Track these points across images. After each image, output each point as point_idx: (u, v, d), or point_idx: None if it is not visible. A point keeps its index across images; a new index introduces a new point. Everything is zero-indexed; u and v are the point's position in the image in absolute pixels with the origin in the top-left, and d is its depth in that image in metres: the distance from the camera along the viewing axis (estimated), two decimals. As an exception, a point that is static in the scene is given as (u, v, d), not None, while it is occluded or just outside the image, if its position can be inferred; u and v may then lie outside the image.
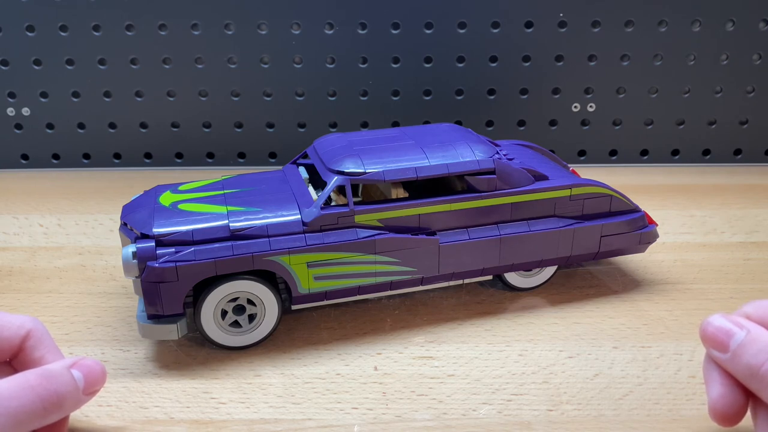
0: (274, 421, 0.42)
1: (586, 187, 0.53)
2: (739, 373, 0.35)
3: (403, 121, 0.83)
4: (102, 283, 0.59)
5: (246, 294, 0.48)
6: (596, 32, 0.79)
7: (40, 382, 0.34)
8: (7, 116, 0.83)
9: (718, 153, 0.85)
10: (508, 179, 0.51)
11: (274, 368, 0.47)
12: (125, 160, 0.85)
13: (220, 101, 0.82)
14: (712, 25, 0.78)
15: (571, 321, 0.52)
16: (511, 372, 0.46)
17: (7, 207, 0.74)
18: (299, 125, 0.84)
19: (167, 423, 0.42)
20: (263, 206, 0.49)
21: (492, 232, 0.51)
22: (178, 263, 0.45)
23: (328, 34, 0.79)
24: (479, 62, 0.80)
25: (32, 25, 0.78)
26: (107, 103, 0.82)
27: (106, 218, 0.71)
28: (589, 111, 0.83)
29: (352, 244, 0.48)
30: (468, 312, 0.54)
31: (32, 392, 0.34)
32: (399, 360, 0.48)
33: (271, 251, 0.47)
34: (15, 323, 0.38)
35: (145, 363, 0.48)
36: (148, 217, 0.48)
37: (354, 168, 0.49)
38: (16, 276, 0.60)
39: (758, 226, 0.68)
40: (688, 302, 0.55)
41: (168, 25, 0.78)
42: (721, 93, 0.82)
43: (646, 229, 0.55)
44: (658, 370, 0.46)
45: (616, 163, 0.85)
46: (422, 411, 0.43)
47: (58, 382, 0.35)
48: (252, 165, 0.85)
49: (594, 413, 0.42)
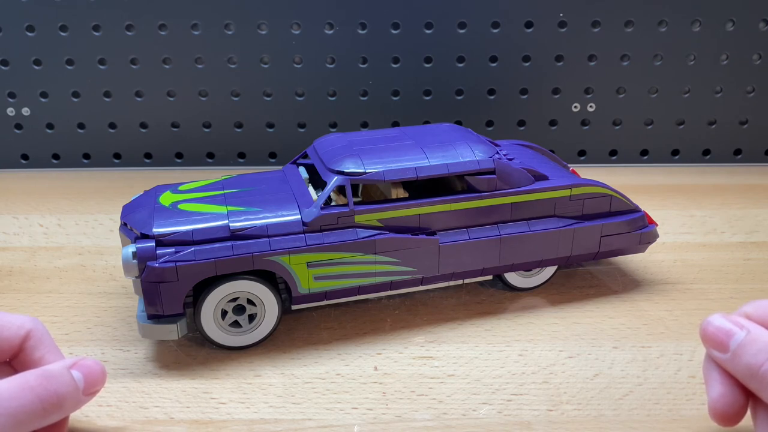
0: (274, 421, 0.42)
1: (586, 187, 0.53)
2: (739, 373, 0.35)
3: (403, 121, 0.83)
4: (102, 283, 0.59)
5: (246, 294, 0.48)
6: (596, 32, 0.79)
7: (39, 383, 0.34)
8: (7, 116, 0.83)
9: (718, 153, 0.85)
10: (508, 179, 0.51)
11: (274, 368, 0.47)
12: (125, 160, 0.85)
13: (220, 101, 0.82)
14: (712, 25, 0.78)
15: (571, 321, 0.52)
16: (511, 372, 0.46)
17: (7, 207, 0.74)
18: (299, 125, 0.84)
19: (167, 423, 0.42)
20: (263, 206, 0.49)
21: (492, 232, 0.51)
22: (178, 263, 0.45)
23: (328, 34, 0.79)
24: (479, 62, 0.80)
25: (32, 25, 0.78)
26: (107, 103, 0.82)
27: (106, 218, 0.71)
28: (589, 111, 0.83)
29: (352, 244, 0.48)
30: (468, 312, 0.54)
31: (32, 393, 0.34)
32: (399, 360, 0.48)
33: (271, 251, 0.47)
34: (15, 323, 0.38)
35: (145, 363, 0.48)
36: (148, 217, 0.48)
37: (354, 168, 0.49)
38: (16, 276, 0.60)
39: (758, 226, 0.68)
40: (688, 302, 0.55)
41: (168, 25, 0.78)
42: (721, 93, 0.82)
43: (646, 229, 0.55)
44: (658, 370, 0.46)
45: (616, 163, 0.85)
46: (422, 411, 0.43)
47: (57, 382, 0.35)
48: (252, 165, 0.85)
49: (594, 413, 0.42)
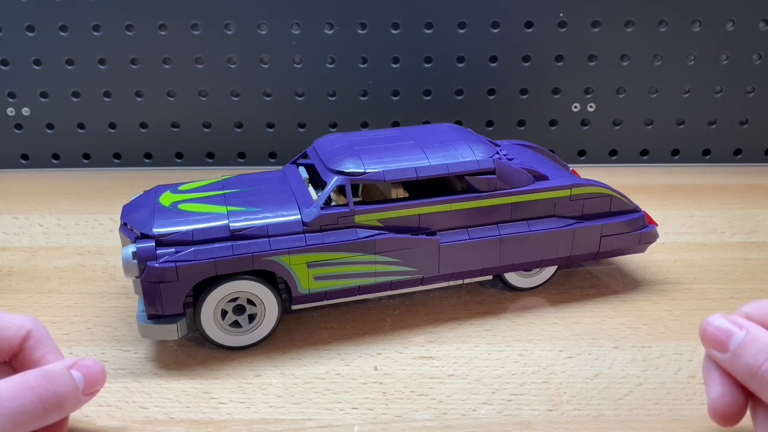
0: (274, 421, 0.42)
1: (586, 187, 0.53)
2: (738, 373, 0.35)
3: (403, 121, 0.83)
4: (102, 283, 0.59)
5: (246, 294, 0.48)
6: (596, 32, 0.79)
7: (39, 383, 0.34)
8: (7, 116, 0.83)
9: (718, 153, 0.85)
10: (508, 179, 0.51)
11: (274, 368, 0.47)
12: (125, 160, 0.85)
13: (220, 101, 0.82)
14: (712, 25, 0.78)
15: (571, 321, 0.52)
16: (511, 372, 0.46)
17: (7, 207, 0.74)
18: (299, 125, 0.84)
19: (167, 423, 0.42)
20: (263, 206, 0.49)
21: (492, 232, 0.51)
22: (178, 263, 0.45)
23: (328, 34, 0.79)
24: (479, 62, 0.80)
25: (32, 25, 0.78)
26: (107, 103, 0.82)
27: (106, 218, 0.71)
28: (589, 111, 0.83)
29: (352, 244, 0.48)
30: (468, 312, 0.54)
31: (32, 393, 0.34)
32: (399, 360, 0.48)
33: (271, 251, 0.46)
34: (15, 323, 0.38)
35: (145, 363, 0.48)
36: (148, 217, 0.48)
37: (354, 168, 0.49)
38: (16, 276, 0.60)
39: (758, 226, 0.68)
40: (688, 302, 0.55)
41: (168, 25, 0.78)
42: (721, 93, 0.82)
43: (646, 229, 0.55)
44: (658, 370, 0.46)
45: (616, 163, 0.85)
46: (422, 411, 0.43)
47: (57, 382, 0.35)
48: (252, 165, 0.85)
49: (594, 413, 0.42)
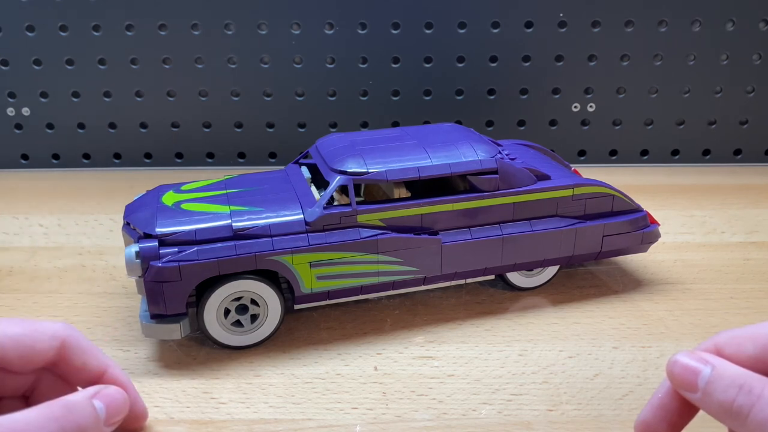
0: (274, 421, 0.42)
1: (589, 187, 0.53)
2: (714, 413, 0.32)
3: (403, 121, 0.83)
4: (102, 283, 0.59)
5: (249, 294, 0.48)
6: (596, 32, 0.79)
7: (63, 414, 0.34)
8: (7, 116, 0.83)
9: (718, 153, 0.85)
10: (510, 179, 0.51)
11: (274, 368, 0.47)
12: (125, 160, 0.85)
13: (220, 101, 0.82)
14: (712, 25, 0.78)
15: (571, 321, 0.52)
16: (511, 372, 0.46)
17: (7, 207, 0.74)
18: (299, 125, 0.84)
19: (167, 423, 0.42)
20: (266, 206, 0.49)
21: (494, 231, 0.51)
22: (181, 263, 0.45)
23: (328, 34, 0.79)
24: (479, 62, 0.80)
25: (32, 25, 0.78)
26: (107, 103, 0.82)
27: (106, 218, 0.71)
28: (589, 111, 0.83)
29: (354, 244, 0.48)
30: (468, 312, 0.54)
31: (56, 424, 0.34)
32: (399, 360, 0.48)
33: (274, 251, 0.47)
34: (47, 333, 0.37)
35: (146, 363, 0.48)
36: (151, 217, 0.48)
37: (356, 168, 0.49)
38: (16, 276, 0.60)
39: (758, 226, 0.68)
40: (688, 302, 0.55)
41: (168, 25, 0.78)
42: (721, 93, 0.82)
43: (648, 228, 0.56)
44: (658, 370, 0.46)
45: (616, 163, 0.86)
46: (422, 411, 0.43)
47: (80, 414, 0.35)
48: (252, 165, 0.85)
49: (594, 413, 0.43)
